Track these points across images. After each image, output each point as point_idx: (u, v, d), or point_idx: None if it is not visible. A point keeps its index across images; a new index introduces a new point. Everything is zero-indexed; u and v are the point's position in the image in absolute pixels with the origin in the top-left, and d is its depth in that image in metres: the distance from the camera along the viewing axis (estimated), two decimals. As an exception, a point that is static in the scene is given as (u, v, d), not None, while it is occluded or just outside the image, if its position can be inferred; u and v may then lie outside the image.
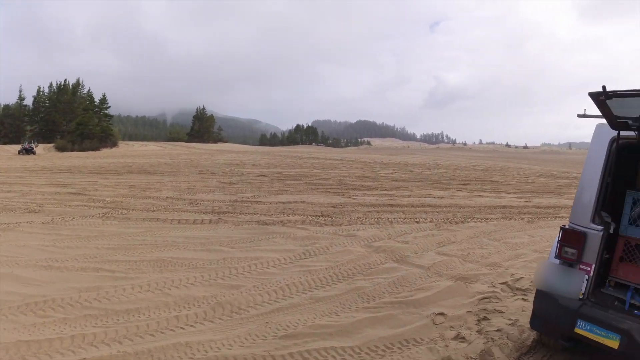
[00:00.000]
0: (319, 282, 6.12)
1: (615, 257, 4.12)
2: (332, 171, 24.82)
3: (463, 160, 54.79)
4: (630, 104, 3.47)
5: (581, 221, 4.03)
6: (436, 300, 5.75)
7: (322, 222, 10.15)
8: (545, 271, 4.09)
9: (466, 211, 13.12)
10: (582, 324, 3.67)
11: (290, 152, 51.31)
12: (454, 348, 4.52)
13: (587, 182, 4.07)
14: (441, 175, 26.31)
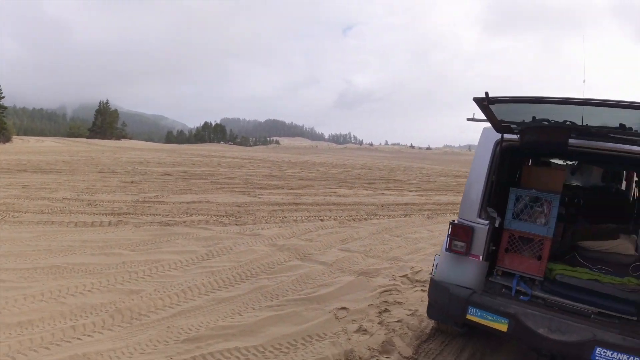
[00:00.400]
0: (222, 282, 5.95)
1: (501, 249, 4.41)
2: (239, 170, 24.46)
3: (369, 160, 56.28)
4: (513, 109, 3.72)
5: (469, 216, 4.27)
6: (339, 295, 5.81)
7: (226, 222, 9.91)
8: (439, 262, 4.31)
9: (370, 209, 13.44)
10: (473, 310, 3.89)
11: (198, 150, 50.09)
12: (357, 340, 4.59)
13: (474, 181, 4.32)
14: (347, 175, 26.86)
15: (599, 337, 3.48)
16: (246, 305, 5.29)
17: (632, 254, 4.70)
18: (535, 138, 3.94)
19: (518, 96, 3.30)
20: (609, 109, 3.30)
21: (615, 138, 3.89)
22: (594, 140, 4.01)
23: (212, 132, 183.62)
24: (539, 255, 4.30)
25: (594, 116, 3.58)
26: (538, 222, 4.34)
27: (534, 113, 3.77)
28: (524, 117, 3.83)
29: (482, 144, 4.39)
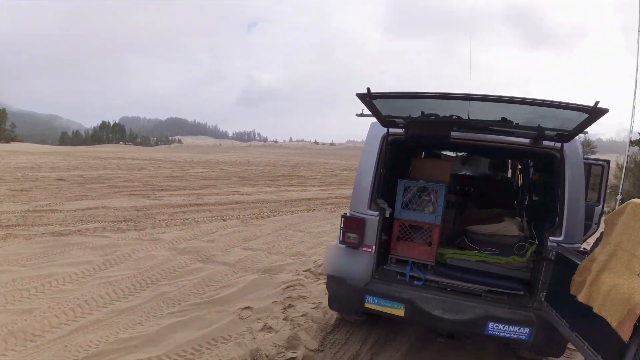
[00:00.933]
0: (121, 292, 5.61)
1: (394, 238, 4.61)
2: (138, 172, 23.34)
3: (273, 157, 56.27)
4: (401, 105, 3.87)
5: (360, 208, 4.38)
6: (242, 295, 5.75)
7: (125, 228, 9.37)
8: (333, 256, 4.38)
9: (273, 205, 13.46)
10: (370, 299, 4.05)
11: (95, 152, 47.06)
12: (262, 339, 4.57)
13: (364, 174, 4.42)
14: (251, 172, 26.69)
15: (490, 313, 3.78)
16: (147, 314, 5.05)
17: (516, 234, 5.07)
18: (418, 131, 4.13)
19: (398, 92, 3.43)
20: (492, 105, 3.54)
21: (495, 130, 4.19)
22: (475, 133, 4.29)
23: (110, 132, 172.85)
24: (430, 242, 4.54)
25: (479, 111, 3.78)
26: (426, 211, 4.56)
27: (422, 108, 3.93)
28: (411, 112, 3.99)
29: (370, 139, 4.51)
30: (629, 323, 2.41)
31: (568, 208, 3.96)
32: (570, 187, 3.98)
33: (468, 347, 4.90)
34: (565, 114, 3.34)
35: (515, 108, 3.57)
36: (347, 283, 4.16)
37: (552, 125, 3.81)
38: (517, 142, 4.26)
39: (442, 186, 4.54)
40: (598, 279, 2.86)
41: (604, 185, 6.04)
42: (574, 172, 4.02)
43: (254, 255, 7.60)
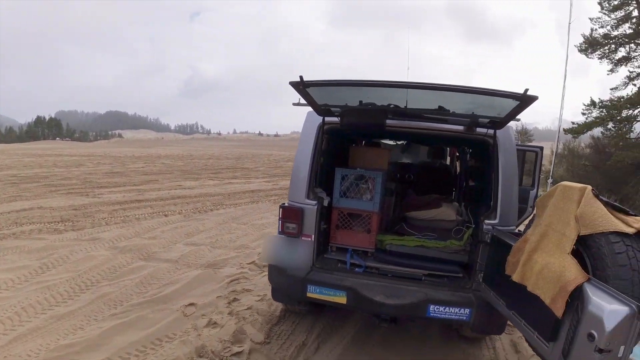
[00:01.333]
0: (60, 297, 5.37)
1: (333, 226, 4.69)
2: (76, 169, 22.29)
3: (217, 149, 55.45)
4: (335, 94, 3.89)
5: (298, 198, 4.39)
6: (186, 291, 5.67)
7: (62, 229, 8.91)
8: (273, 246, 4.38)
9: (216, 199, 13.32)
10: (312, 288, 4.09)
11: (30, 149, 44.42)
12: (207, 335, 4.54)
13: (301, 164, 4.43)
14: (194, 166, 26.22)
15: (431, 296, 3.88)
16: (88, 317, 4.86)
17: (453, 219, 5.20)
18: (353, 120, 4.16)
19: (331, 80, 3.44)
20: (430, 94, 3.64)
21: (431, 118, 4.30)
22: (412, 121, 4.38)
23: (46, 127, 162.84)
24: (369, 229, 4.64)
25: (417, 100, 3.88)
26: (364, 199, 4.62)
27: (361, 98, 3.98)
28: (349, 101, 4.03)
29: (306, 128, 4.52)
30: (561, 300, 2.51)
31: (502, 192, 4.11)
32: (503, 172, 4.13)
33: (413, 330, 5.08)
34: (497, 101, 3.46)
35: (451, 96, 3.65)
36: (288, 273, 4.20)
37: (486, 113, 3.92)
38: (453, 130, 4.36)
39: (379, 174, 4.61)
40: (531, 258, 2.98)
41: (538, 170, 6.33)
42: (507, 158, 4.16)
43: (197, 251, 7.50)
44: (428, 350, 4.72)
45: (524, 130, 33.12)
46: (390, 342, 4.77)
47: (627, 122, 16.76)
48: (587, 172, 18.54)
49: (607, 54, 18.20)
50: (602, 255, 2.52)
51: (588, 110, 17.88)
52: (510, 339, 5.07)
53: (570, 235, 2.70)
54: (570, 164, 20.11)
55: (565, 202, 2.84)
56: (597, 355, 2.17)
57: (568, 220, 2.76)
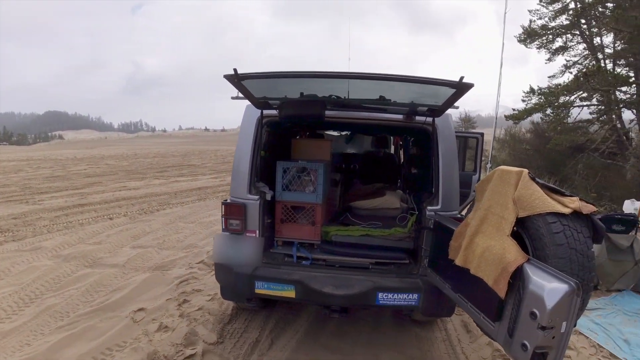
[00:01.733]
0: (4, 313, 5.05)
1: (277, 220, 4.67)
2: (15, 175, 21.11)
3: (163, 147, 54.23)
4: (274, 86, 3.85)
5: (240, 194, 4.32)
6: (134, 297, 5.50)
7: (2, 240, 8.29)
8: (219, 244, 4.32)
9: (162, 198, 13.03)
10: (260, 284, 4.06)
11: None
12: (159, 340, 4.44)
13: (241, 159, 4.35)
14: (139, 165, 25.47)
15: (379, 284, 3.93)
16: (34, 332, 4.61)
17: (397, 207, 5.28)
18: (292, 112, 4.11)
19: (266, 72, 3.40)
20: (370, 84, 3.68)
21: (371, 108, 4.38)
22: (352, 111, 4.44)
23: None
24: (313, 221, 4.65)
25: (357, 91, 3.92)
26: (307, 191, 4.63)
27: (302, 90, 3.98)
28: (289, 94, 4.02)
29: (245, 122, 4.47)
30: (503, 281, 2.59)
31: (443, 178, 4.20)
32: (443, 158, 4.21)
33: (366, 317, 5.14)
34: (435, 90, 3.52)
35: (391, 86, 3.69)
36: (235, 271, 4.14)
37: (424, 101, 4.00)
38: (393, 119, 4.43)
39: (321, 165, 4.61)
40: (472, 242, 3.06)
41: (479, 155, 6.52)
42: (446, 145, 4.24)
43: (144, 253, 7.28)
44: (381, 336, 4.80)
45: (467, 118, 33.99)
46: (344, 332, 4.82)
47: (565, 108, 17.47)
48: (528, 156, 19.21)
49: (545, 44, 18.88)
50: (541, 235, 2.62)
51: (528, 97, 18.51)
52: (461, 320, 5.26)
53: (509, 218, 2.79)
54: (512, 148, 20.75)
55: (503, 185, 2.91)
56: (540, 332, 2.24)
57: (506, 203, 2.84)
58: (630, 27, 13.61)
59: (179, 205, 11.92)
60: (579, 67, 18.09)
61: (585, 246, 2.55)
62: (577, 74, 16.61)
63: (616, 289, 6.49)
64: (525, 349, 2.33)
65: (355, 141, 8.74)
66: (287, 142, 5.33)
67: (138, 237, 8.45)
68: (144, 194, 13.87)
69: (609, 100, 16.08)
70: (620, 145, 16.56)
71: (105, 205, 11.83)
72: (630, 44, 14.42)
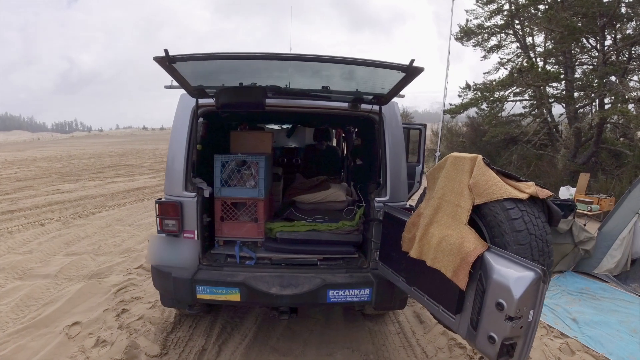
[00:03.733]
0: None
1: (217, 218, 4.44)
2: None
3: (99, 147, 52.16)
4: (209, 74, 3.62)
5: (175, 191, 4.07)
6: (69, 309, 5.15)
7: None
8: (153, 248, 4.09)
9: (98, 201, 12.50)
10: (201, 289, 3.84)
11: None
12: (97, 356, 4.17)
13: (175, 153, 4.10)
14: (73, 167, 24.34)
15: (329, 281, 3.83)
16: None
17: (343, 199, 5.20)
18: (230, 99, 3.86)
19: (201, 53, 3.14)
20: (313, 73, 3.61)
21: (314, 96, 4.19)
22: (294, 99, 4.24)
23: None
24: (255, 218, 4.48)
25: (300, 79, 3.81)
26: (248, 186, 4.45)
27: (241, 79, 3.79)
28: (227, 82, 3.83)
29: (179, 112, 4.19)
30: (463, 271, 2.53)
31: (390, 168, 4.13)
32: (391, 148, 4.15)
33: (317, 316, 5.08)
34: (382, 75, 3.40)
35: (335, 75, 3.62)
36: (174, 276, 3.89)
37: (370, 89, 3.89)
38: (337, 107, 4.30)
39: (262, 158, 4.44)
40: (427, 233, 2.98)
41: (422, 146, 6.59)
42: (393, 134, 4.19)
43: (78, 261, 6.87)
44: (334, 333, 4.75)
45: (405, 113, 34.68)
46: (294, 332, 4.73)
47: (499, 102, 18.11)
48: (465, 148, 19.76)
49: (480, 42, 19.44)
50: (499, 222, 2.58)
51: (464, 92, 19.08)
52: (413, 311, 5.30)
53: (465, 206, 2.72)
54: (450, 141, 21.36)
55: (457, 172, 2.86)
56: (508, 323, 2.18)
57: (461, 190, 2.78)
58: (562, 27, 14.19)
59: (115, 207, 11.45)
60: (512, 64, 18.76)
61: (543, 231, 2.55)
62: (512, 70, 17.21)
63: (558, 270, 6.87)
64: (492, 341, 2.28)
65: (297, 135, 8.57)
66: (226, 136, 5.13)
67: (72, 243, 8.01)
68: (79, 196, 13.22)
69: (540, 95, 16.74)
70: (550, 137, 17.31)
71: (37, 210, 11.18)
72: (561, 43, 15.01)
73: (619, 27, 14.45)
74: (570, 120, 15.93)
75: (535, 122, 18.23)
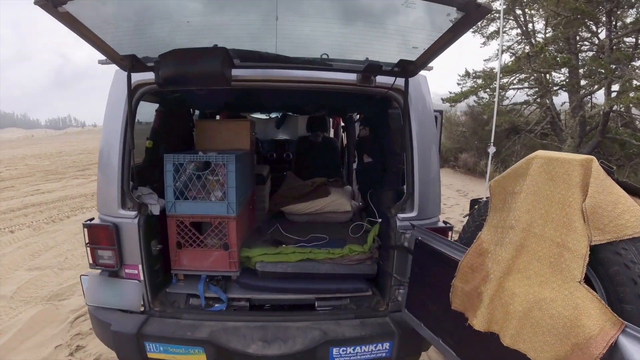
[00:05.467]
0: None
1: (172, 244, 3.20)
2: None
3: (92, 143, 50.96)
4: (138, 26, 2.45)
5: (109, 209, 2.93)
6: (17, 344, 4.29)
7: None
8: (89, 289, 3.03)
9: (77, 202, 11.67)
10: (152, 346, 2.78)
11: None
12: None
13: (108, 154, 2.95)
14: (60, 164, 23.46)
15: (332, 334, 2.78)
16: None
17: (348, 209, 4.21)
18: (174, 72, 2.59)
19: None
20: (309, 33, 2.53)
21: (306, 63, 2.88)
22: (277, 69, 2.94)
23: None
24: (226, 243, 3.19)
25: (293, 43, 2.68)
26: (213, 198, 3.18)
27: (199, 40, 2.56)
28: (177, 45, 2.54)
29: (114, 96, 3.02)
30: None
31: (420, 171, 2.96)
32: (419, 142, 2.99)
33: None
34: (413, 23, 2.24)
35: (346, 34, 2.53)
36: (113, 327, 2.82)
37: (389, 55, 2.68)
38: (340, 81, 2.99)
39: (232, 158, 3.11)
40: (503, 289, 1.88)
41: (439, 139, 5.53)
42: (422, 120, 3.03)
43: (40, 277, 6.02)
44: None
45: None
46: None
47: (502, 90, 17.44)
48: (465, 138, 19.28)
49: (479, 29, 18.80)
50: (634, 277, 1.57)
51: (463, 80, 18.72)
52: None
53: (578, 247, 1.63)
54: (449, 131, 20.61)
55: (557, 187, 1.75)
56: None
57: (568, 219, 1.68)
58: (569, 11, 13.52)
59: (93, 209, 10.52)
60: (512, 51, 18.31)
61: None
62: (520, 54, 16.64)
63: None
64: None
65: (287, 125, 7.36)
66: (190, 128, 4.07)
67: (38, 254, 7.16)
68: (58, 197, 12.37)
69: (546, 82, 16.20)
70: (553, 126, 16.77)
71: (10, 214, 10.30)
72: (567, 28, 14.33)
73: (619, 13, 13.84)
74: (575, 108, 15.17)
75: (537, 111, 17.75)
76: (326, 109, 5.62)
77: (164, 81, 2.62)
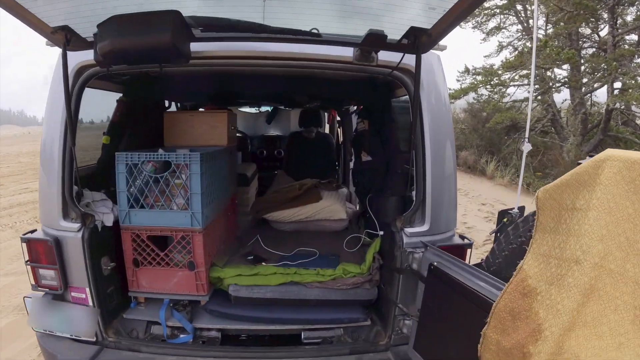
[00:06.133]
0: None
1: (128, 262, 2.73)
2: None
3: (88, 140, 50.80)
4: None
5: (51, 220, 2.50)
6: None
7: None
8: (33, 313, 2.58)
9: (64, 202, 11.19)
10: None
11: None
12: None
13: (50, 150, 2.50)
14: (54, 161, 23.19)
15: None
16: None
17: (343, 218, 3.69)
18: (114, 44, 2.05)
19: None
20: None
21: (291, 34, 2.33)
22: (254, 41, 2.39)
23: None
24: (191, 262, 2.70)
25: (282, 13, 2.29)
26: (175, 206, 2.68)
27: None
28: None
29: (57, 81, 2.49)
30: None
31: (433, 173, 2.42)
32: (432, 137, 2.44)
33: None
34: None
35: None
36: (58, 358, 2.43)
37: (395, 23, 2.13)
38: (335, 59, 2.44)
39: (197, 157, 2.60)
40: (562, 350, 1.25)
41: None
42: (435, 111, 2.48)
43: (16, 283, 5.65)
44: None
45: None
46: None
47: (502, 86, 17.32)
48: (465, 135, 18.98)
49: (479, 25, 18.53)
50: None
51: (462, 76, 18.29)
52: None
53: None
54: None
55: None
56: None
57: None
58: (572, 7, 13.36)
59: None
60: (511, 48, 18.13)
61: None
62: (521, 49, 16.61)
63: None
64: None
65: (279, 120, 6.84)
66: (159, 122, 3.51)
67: (18, 257, 6.61)
68: (43, 196, 11.92)
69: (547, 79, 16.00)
70: (554, 123, 16.50)
71: (-4, 214, 9.95)
72: (569, 24, 14.12)
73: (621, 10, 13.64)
74: (577, 106, 14.89)
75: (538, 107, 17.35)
76: (318, 98, 5.02)
77: (103, 58, 2.12)
